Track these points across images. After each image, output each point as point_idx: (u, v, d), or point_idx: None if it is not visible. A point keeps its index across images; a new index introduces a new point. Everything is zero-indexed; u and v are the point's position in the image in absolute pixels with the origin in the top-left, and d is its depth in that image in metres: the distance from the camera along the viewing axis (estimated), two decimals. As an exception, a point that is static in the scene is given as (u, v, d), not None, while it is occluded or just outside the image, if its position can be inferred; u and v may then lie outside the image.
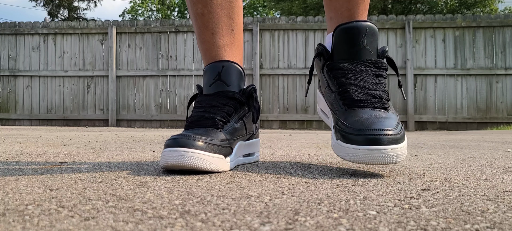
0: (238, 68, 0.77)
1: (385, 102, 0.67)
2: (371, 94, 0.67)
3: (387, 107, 0.67)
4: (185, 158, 0.62)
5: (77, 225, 0.35)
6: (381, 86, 0.68)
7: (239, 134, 0.75)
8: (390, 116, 0.64)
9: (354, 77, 0.68)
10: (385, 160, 0.60)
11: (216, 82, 0.75)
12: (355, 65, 0.69)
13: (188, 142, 0.63)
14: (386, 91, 0.69)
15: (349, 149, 0.62)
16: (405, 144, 0.62)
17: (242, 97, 0.76)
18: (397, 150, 0.60)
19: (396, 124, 0.63)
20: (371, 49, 0.70)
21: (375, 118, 0.63)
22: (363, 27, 0.69)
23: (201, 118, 0.71)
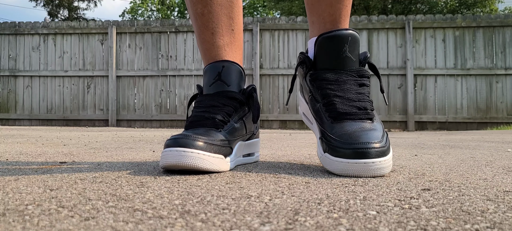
0: (238, 68, 0.77)
1: (369, 113, 0.68)
2: (356, 106, 0.68)
3: (372, 117, 0.68)
4: (185, 158, 0.62)
5: (77, 225, 0.35)
6: (365, 97, 0.69)
7: (239, 134, 0.75)
8: (375, 127, 0.66)
9: (338, 88, 0.69)
10: (373, 173, 0.62)
11: (216, 82, 0.75)
12: (339, 75, 0.70)
13: (188, 142, 0.63)
14: (370, 101, 0.70)
15: (338, 162, 0.63)
16: (391, 156, 0.64)
17: (242, 97, 0.76)
18: (384, 162, 0.62)
19: (382, 135, 0.64)
20: (354, 57, 0.70)
21: (361, 131, 0.64)
22: (345, 36, 0.69)
23: (201, 118, 0.71)
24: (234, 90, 0.76)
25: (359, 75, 0.70)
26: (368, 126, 0.66)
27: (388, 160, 0.63)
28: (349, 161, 0.62)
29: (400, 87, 5.13)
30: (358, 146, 0.62)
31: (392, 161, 0.66)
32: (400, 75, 5.16)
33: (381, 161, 0.62)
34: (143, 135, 2.43)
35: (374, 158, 0.61)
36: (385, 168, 0.62)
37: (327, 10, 0.73)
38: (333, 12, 0.73)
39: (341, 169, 0.63)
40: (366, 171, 0.61)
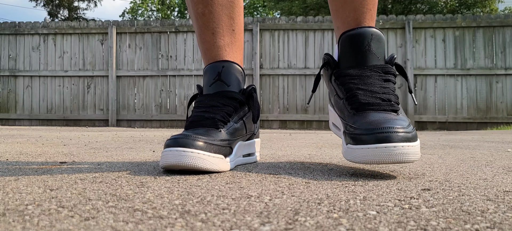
0: (238, 68, 0.77)
1: (394, 105, 0.65)
2: (379, 97, 0.65)
3: (397, 110, 0.65)
4: (185, 158, 0.62)
5: (77, 225, 0.35)
6: (390, 90, 0.67)
7: (239, 134, 0.75)
8: (400, 118, 0.63)
9: (361, 82, 0.67)
10: (397, 158, 0.57)
11: (216, 83, 0.75)
12: (362, 71, 0.68)
13: (188, 142, 0.63)
14: (395, 95, 0.67)
15: (359, 149, 0.60)
16: (418, 144, 0.60)
17: (242, 98, 0.76)
18: (409, 148, 0.58)
19: (407, 125, 0.61)
20: (378, 55, 0.68)
21: (384, 119, 0.61)
22: (368, 33, 0.68)
23: (201, 118, 0.71)
24: (234, 90, 0.75)
25: (384, 71, 0.68)
26: (392, 116, 0.62)
27: (414, 147, 0.59)
28: (370, 146, 0.58)
29: (400, 87, 5.13)
30: (379, 130, 0.58)
31: (420, 151, 0.61)
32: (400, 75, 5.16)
33: (404, 145, 0.57)
34: (143, 135, 2.44)
35: (397, 142, 0.57)
36: (410, 153, 0.58)
37: (351, 15, 0.73)
38: (357, 16, 0.72)
39: (362, 156, 0.60)
40: (389, 156, 0.57)
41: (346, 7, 0.73)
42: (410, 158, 0.58)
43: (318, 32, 5.32)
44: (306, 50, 5.31)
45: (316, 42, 5.31)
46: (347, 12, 0.73)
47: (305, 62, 5.29)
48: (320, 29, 5.31)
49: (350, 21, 0.72)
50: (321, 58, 4.30)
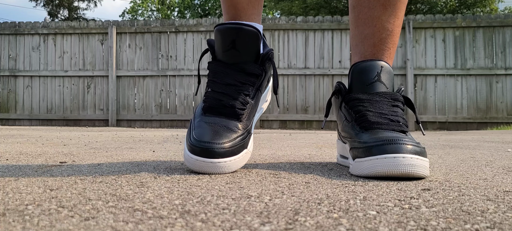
0: (255, 33, 0.69)
1: (403, 126, 0.66)
2: (388, 118, 0.66)
3: (405, 131, 0.66)
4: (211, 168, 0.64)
5: (77, 225, 0.35)
6: (398, 114, 0.68)
7: (255, 110, 0.74)
8: (409, 137, 0.64)
9: (370, 105, 0.69)
10: (405, 169, 0.57)
11: (230, 51, 0.69)
12: (372, 96, 0.70)
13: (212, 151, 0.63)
14: (404, 118, 0.68)
15: (367, 161, 0.60)
16: (427, 161, 0.60)
17: (259, 70, 0.71)
18: (418, 160, 0.58)
19: (417, 142, 0.62)
20: (387, 85, 0.71)
21: (393, 135, 0.62)
22: (378, 65, 0.71)
23: (219, 105, 0.69)
24: (250, 60, 0.70)
25: (392, 98, 0.70)
26: (400, 135, 0.63)
27: (423, 160, 0.58)
28: (378, 157, 0.58)
29: (400, 87, 5.13)
30: (388, 141, 0.59)
31: (428, 170, 0.61)
32: (400, 75, 5.16)
33: (412, 157, 0.57)
34: (143, 135, 2.44)
35: (405, 153, 0.57)
36: (419, 166, 0.57)
37: (369, 50, 0.75)
38: (375, 52, 0.74)
39: (370, 168, 0.59)
40: (397, 167, 0.57)
41: (366, 43, 0.75)
42: (418, 171, 0.58)
43: (318, 32, 5.31)
44: (306, 50, 5.31)
45: (316, 42, 5.31)
46: (366, 47, 0.75)
47: (305, 62, 5.29)
48: (320, 29, 5.30)
49: (367, 55, 0.75)
50: (321, 58, 4.26)
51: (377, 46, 0.74)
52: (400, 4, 0.74)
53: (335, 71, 5.17)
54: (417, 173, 0.58)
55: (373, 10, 0.74)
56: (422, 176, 0.59)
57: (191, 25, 5.47)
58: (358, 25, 0.76)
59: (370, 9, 0.74)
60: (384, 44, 0.74)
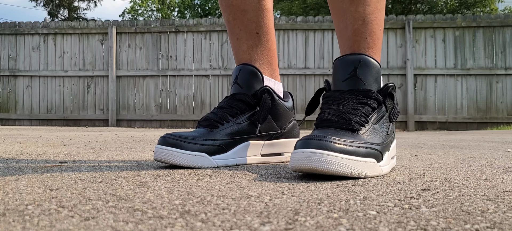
0: (253, 70, 0.81)
1: (353, 124, 0.63)
2: (341, 116, 0.65)
3: (356, 129, 0.63)
4: (159, 153, 0.73)
5: (77, 225, 0.35)
6: (358, 112, 0.65)
7: (243, 133, 0.78)
8: (352, 135, 0.62)
9: (334, 103, 0.67)
10: (315, 164, 0.56)
11: (234, 85, 0.82)
12: (342, 94, 0.68)
13: (167, 140, 0.73)
14: (363, 116, 0.65)
15: (291, 155, 0.61)
16: (359, 159, 0.59)
17: (250, 99, 0.79)
18: (336, 158, 0.57)
19: (352, 140, 0.60)
20: (365, 81, 0.68)
21: (330, 131, 0.61)
22: (356, 60, 0.69)
23: (204, 119, 0.79)
24: (247, 92, 0.80)
25: (365, 95, 0.67)
26: (342, 132, 0.62)
27: (347, 159, 0.57)
28: (297, 150, 0.59)
29: (400, 87, 5.13)
30: (313, 137, 0.59)
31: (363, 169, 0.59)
32: (400, 75, 5.16)
33: (330, 154, 0.56)
34: (143, 135, 2.43)
35: (323, 149, 0.57)
36: (334, 163, 0.56)
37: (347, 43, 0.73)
38: (351, 44, 0.73)
39: (292, 162, 0.60)
40: (308, 160, 0.57)
41: (342, 37, 0.74)
42: (331, 168, 0.57)
43: (318, 32, 5.31)
44: (306, 50, 5.31)
45: (316, 42, 5.31)
46: (343, 41, 0.74)
47: (305, 62, 5.29)
48: (320, 29, 5.30)
49: (346, 49, 0.74)
50: (321, 58, 4.26)
51: (352, 38, 0.72)
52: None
53: (335, 71, 5.17)
54: (330, 170, 0.57)
55: (342, 2, 0.73)
56: (340, 173, 0.57)
57: (191, 25, 5.47)
58: (334, 19, 0.76)
59: (339, 1, 0.73)
60: (359, 35, 0.72)
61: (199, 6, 18.40)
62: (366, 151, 0.61)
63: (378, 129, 0.67)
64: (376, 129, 0.66)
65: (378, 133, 0.66)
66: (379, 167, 0.63)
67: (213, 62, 5.39)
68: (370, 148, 0.62)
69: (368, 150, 0.61)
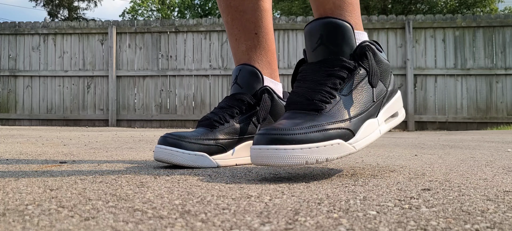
0: (253, 70, 0.81)
1: (316, 103, 0.60)
2: (305, 96, 0.62)
3: (318, 109, 0.60)
4: (159, 153, 0.73)
5: (77, 225, 0.35)
6: (324, 87, 0.61)
7: (243, 133, 0.79)
8: (305, 117, 0.59)
9: (302, 79, 0.64)
10: (262, 160, 0.56)
11: (233, 86, 0.82)
12: (311, 66, 0.64)
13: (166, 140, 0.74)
14: (328, 92, 0.61)
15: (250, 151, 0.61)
16: (314, 146, 0.57)
17: (249, 99, 0.79)
18: (285, 151, 0.55)
19: (309, 123, 0.58)
20: (334, 47, 0.63)
21: (283, 118, 0.61)
22: (320, 25, 0.63)
23: (204, 118, 0.79)
24: (246, 92, 0.80)
25: (332, 65, 0.62)
26: (298, 115, 0.60)
27: (283, 149, 0.56)
28: (252, 146, 0.59)
29: (400, 87, 5.13)
30: (262, 129, 0.59)
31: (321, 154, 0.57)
32: (400, 75, 5.16)
33: (278, 148, 0.56)
34: (143, 135, 2.43)
35: (262, 144, 0.57)
36: (285, 157, 0.56)
37: (317, 10, 0.68)
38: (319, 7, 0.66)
39: (250, 158, 0.62)
40: (259, 158, 0.57)
41: (313, 4, 0.69)
42: (281, 162, 0.56)
43: (318, 32, 5.31)
44: (306, 50, 5.31)
45: (316, 42, 5.31)
46: (315, 8, 0.68)
47: (305, 62, 5.29)
48: (320, 29, 5.30)
49: (315, 14, 0.68)
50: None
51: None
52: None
53: (335, 71, 5.17)
54: (270, 163, 0.56)
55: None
56: (280, 165, 0.56)
57: (191, 25, 5.47)
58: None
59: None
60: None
61: (199, 6, 18.40)
62: (323, 134, 0.57)
63: (353, 99, 0.62)
64: (347, 100, 0.61)
65: (352, 104, 0.61)
66: (347, 146, 0.59)
67: (213, 62, 5.39)
68: (330, 129, 0.58)
69: (326, 132, 0.58)
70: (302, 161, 0.56)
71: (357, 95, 0.63)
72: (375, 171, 0.71)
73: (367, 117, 0.63)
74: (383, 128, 0.66)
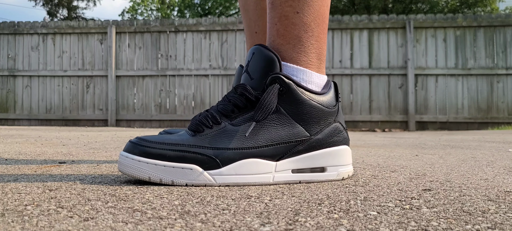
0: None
1: (197, 125, 0.58)
2: (196, 119, 0.60)
3: (196, 130, 0.58)
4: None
5: (76, 226, 0.35)
6: (214, 111, 0.60)
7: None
8: (182, 135, 0.58)
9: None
10: (119, 167, 0.57)
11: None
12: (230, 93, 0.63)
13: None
14: (211, 117, 0.59)
15: None
16: (163, 164, 0.55)
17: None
18: (132, 161, 0.55)
19: (173, 142, 0.56)
20: (253, 75, 0.60)
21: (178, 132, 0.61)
22: (251, 51, 0.62)
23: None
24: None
25: (235, 92, 0.61)
26: (181, 135, 0.59)
27: (140, 161, 0.55)
28: None
29: (401, 87, 5.13)
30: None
31: (168, 175, 0.55)
32: (401, 75, 5.15)
33: (127, 156, 0.56)
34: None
35: (129, 153, 0.56)
36: (131, 167, 0.55)
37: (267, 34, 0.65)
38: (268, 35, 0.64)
39: None
40: (119, 163, 0.57)
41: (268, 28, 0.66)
42: (128, 171, 0.56)
43: (318, 32, 5.31)
44: (306, 50, 5.31)
45: (316, 42, 5.30)
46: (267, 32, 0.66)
47: (305, 62, 5.29)
48: (320, 29, 5.30)
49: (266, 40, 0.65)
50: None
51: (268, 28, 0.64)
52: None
53: (336, 71, 5.17)
54: (121, 170, 0.57)
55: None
56: (127, 174, 0.56)
57: (191, 24, 5.47)
58: None
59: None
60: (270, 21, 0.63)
61: (199, 5, 18.40)
62: (178, 155, 0.55)
63: (240, 131, 0.57)
64: (233, 130, 0.57)
65: (235, 135, 0.57)
66: (204, 175, 0.55)
67: (213, 62, 5.39)
68: (189, 152, 0.55)
69: (182, 154, 0.55)
70: (146, 176, 0.55)
71: (248, 128, 0.57)
72: (376, 171, 0.71)
73: (253, 155, 0.56)
74: (283, 176, 0.57)
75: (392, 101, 5.16)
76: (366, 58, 5.18)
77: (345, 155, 0.62)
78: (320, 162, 0.60)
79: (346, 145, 0.63)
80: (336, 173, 0.60)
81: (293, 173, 0.59)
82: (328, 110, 0.60)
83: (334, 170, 0.60)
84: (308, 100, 0.59)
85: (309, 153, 0.59)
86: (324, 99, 0.60)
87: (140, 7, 18.54)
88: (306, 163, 0.59)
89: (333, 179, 0.60)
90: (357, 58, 5.19)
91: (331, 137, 0.61)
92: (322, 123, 0.60)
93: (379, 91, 5.14)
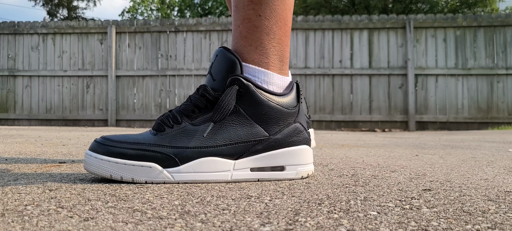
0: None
1: (159, 124, 0.60)
2: (158, 119, 0.61)
3: (158, 130, 0.60)
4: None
5: (76, 226, 0.35)
6: (175, 112, 0.61)
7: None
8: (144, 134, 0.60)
9: None
10: (84, 164, 0.59)
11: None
12: None
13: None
14: (174, 116, 0.60)
15: None
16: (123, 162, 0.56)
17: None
18: (95, 159, 0.57)
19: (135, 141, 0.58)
20: (215, 77, 0.61)
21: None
22: (215, 52, 0.63)
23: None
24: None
25: (198, 92, 0.62)
26: (142, 133, 0.60)
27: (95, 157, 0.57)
28: None
29: (401, 87, 5.13)
30: None
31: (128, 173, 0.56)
32: (401, 75, 5.15)
33: (91, 154, 0.58)
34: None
35: (92, 151, 0.58)
36: (93, 165, 0.57)
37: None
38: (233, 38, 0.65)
39: None
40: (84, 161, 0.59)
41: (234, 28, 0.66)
42: (91, 169, 0.58)
43: (318, 32, 5.31)
44: (307, 50, 5.31)
45: (317, 42, 5.30)
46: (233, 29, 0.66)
47: (305, 62, 5.29)
48: (320, 29, 5.30)
49: None
50: (322, 58, 4.24)
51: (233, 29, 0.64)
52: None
53: (336, 71, 5.17)
54: (87, 170, 0.58)
55: None
56: (92, 172, 0.58)
57: (191, 24, 5.47)
58: None
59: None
60: (234, 24, 0.63)
61: (199, 5, 18.40)
62: (138, 153, 0.57)
63: (199, 130, 0.59)
64: (193, 129, 0.59)
65: (194, 135, 0.58)
66: (163, 173, 0.56)
67: (213, 62, 5.39)
68: (149, 151, 0.57)
69: (142, 152, 0.57)
70: (107, 174, 0.57)
71: (207, 128, 0.59)
72: (376, 171, 0.71)
73: (212, 153, 0.58)
74: (241, 174, 0.59)
75: (392, 101, 5.16)
76: (366, 58, 5.18)
77: (304, 154, 0.63)
78: (279, 161, 0.61)
79: (306, 144, 0.63)
80: (295, 172, 0.61)
81: (252, 171, 0.60)
82: (288, 111, 0.61)
83: (293, 169, 0.61)
84: (266, 101, 0.60)
85: (268, 152, 0.60)
86: (284, 100, 0.61)
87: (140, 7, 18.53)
88: (265, 162, 0.60)
89: (292, 178, 0.61)
90: (357, 58, 5.19)
91: (290, 137, 0.61)
92: (281, 123, 0.61)
93: (379, 91, 5.14)
